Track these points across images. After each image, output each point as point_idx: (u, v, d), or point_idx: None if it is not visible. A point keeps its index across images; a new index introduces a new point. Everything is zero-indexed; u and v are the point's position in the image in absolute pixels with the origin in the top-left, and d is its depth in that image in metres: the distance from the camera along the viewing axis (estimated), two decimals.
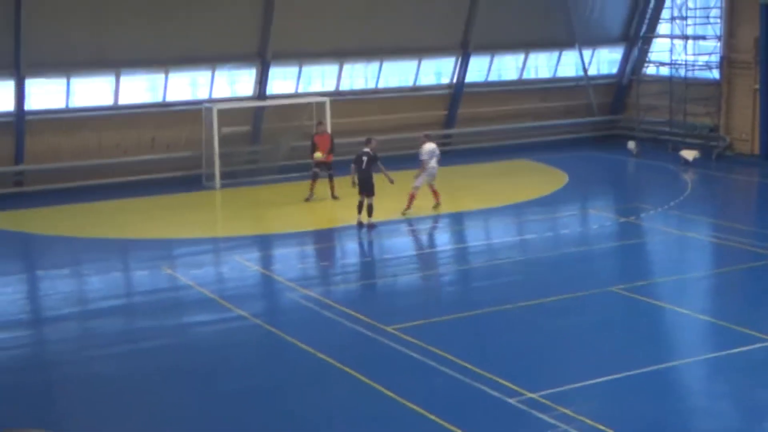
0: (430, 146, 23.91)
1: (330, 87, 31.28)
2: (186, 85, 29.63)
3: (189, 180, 28.40)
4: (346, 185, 24.34)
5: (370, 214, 22.45)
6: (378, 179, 22.82)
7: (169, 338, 16.16)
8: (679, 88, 33.53)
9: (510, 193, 27.13)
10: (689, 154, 31.16)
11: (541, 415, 12.55)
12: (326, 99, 28.87)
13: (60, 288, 19.11)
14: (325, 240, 23.62)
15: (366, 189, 22.34)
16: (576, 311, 17.35)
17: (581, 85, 35.84)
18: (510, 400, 13.03)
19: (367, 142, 23.06)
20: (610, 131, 36.39)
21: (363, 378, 13.86)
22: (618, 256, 21.76)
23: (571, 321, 16.87)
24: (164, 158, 28.66)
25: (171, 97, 28.90)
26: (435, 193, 24.43)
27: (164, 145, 28.70)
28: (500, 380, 13.63)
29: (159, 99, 28.84)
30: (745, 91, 32.02)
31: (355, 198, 23.28)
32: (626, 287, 18.53)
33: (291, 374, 14.48)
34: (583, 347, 15.68)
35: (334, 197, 25.80)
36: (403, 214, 24.00)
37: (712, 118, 32.84)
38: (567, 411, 12.59)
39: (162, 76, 28.45)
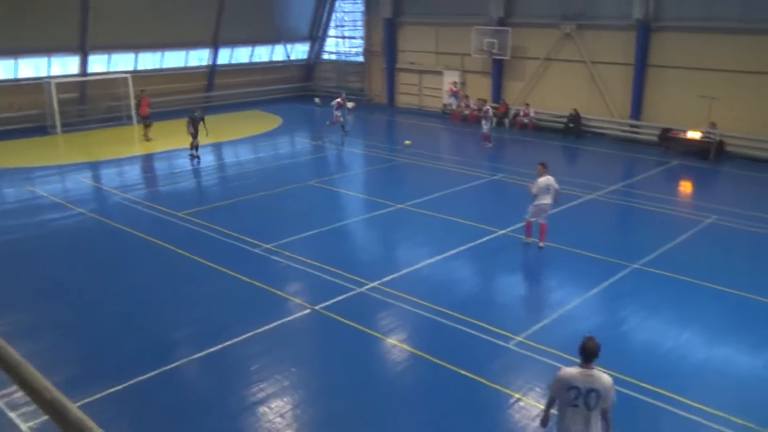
0: (544, 180, 13.55)
1: (131, 67, 31.18)
2: (31, 66, 28.37)
3: (38, 129, 27.54)
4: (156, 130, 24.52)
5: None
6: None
7: (32, 230, 15.56)
8: (342, 66, 36.31)
9: (249, 129, 28.17)
10: (350, 104, 32.28)
11: (275, 258, 13.32)
12: (129, 75, 28.94)
13: None
14: (137, 163, 23.12)
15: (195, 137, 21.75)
16: (291, 196, 18.10)
17: (287, 65, 37.54)
18: (255, 250, 13.71)
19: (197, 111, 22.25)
20: (304, 92, 38.17)
21: (166, 244, 14.16)
22: (313, 163, 22.83)
23: (289, 202, 17.60)
24: (21, 115, 27.63)
25: (21, 75, 27.83)
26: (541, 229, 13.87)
27: (20, 107, 27.74)
28: (248, 239, 14.33)
29: (12, 76, 27.62)
30: (378, 68, 35.26)
31: (163, 138, 24.28)
32: (319, 181, 19.63)
33: (122, 248, 14.25)
34: (296, 216, 16.28)
35: (148, 139, 25.63)
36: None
37: (361, 84, 36.07)
38: (289, 254, 13.48)
39: (12, 61, 27.39)
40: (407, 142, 24.10)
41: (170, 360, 9.69)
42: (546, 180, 13.56)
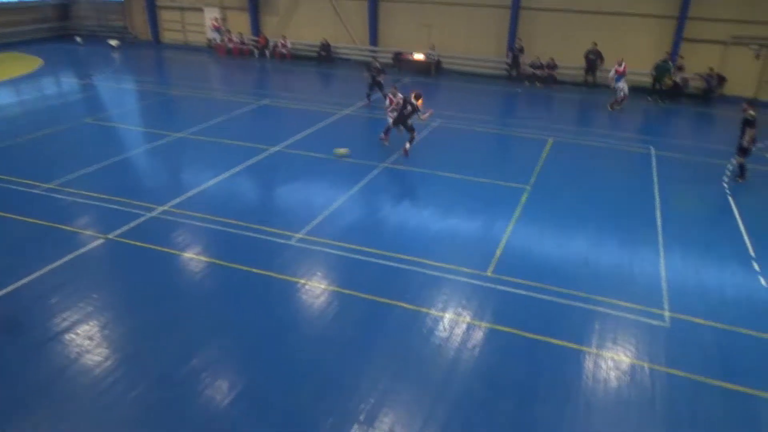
0: None
1: None
2: None
3: None
4: None
5: None
6: None
7: None
8: (100, 5, 32.16)
9: (6, 72, 23.83)
10: (114, 42, 30.54)
11: (58, 196, 11.54)
12: None
13: None
14: None
15: None
16: (66, 135, 15.85)
17: (40, 5, 31.90)
18: (34, 191, 11.91)
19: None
20: (64, 32, 33.65)
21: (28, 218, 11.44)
22: (85, 102, 20.10)
23: (64, 141, 15.14)
24: None
25: None
26: None
27: None
28: (24, 180, 12.43)
29: None
30: (139, 6, 31.16)
31: None
32: (94, 118, 17.59)
33: None
34: (75, 153, 14.09)
35: None
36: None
37: (123, 22, 32.58)
38: (73, 190, 11.81)
39: None
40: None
41: None
42: None
